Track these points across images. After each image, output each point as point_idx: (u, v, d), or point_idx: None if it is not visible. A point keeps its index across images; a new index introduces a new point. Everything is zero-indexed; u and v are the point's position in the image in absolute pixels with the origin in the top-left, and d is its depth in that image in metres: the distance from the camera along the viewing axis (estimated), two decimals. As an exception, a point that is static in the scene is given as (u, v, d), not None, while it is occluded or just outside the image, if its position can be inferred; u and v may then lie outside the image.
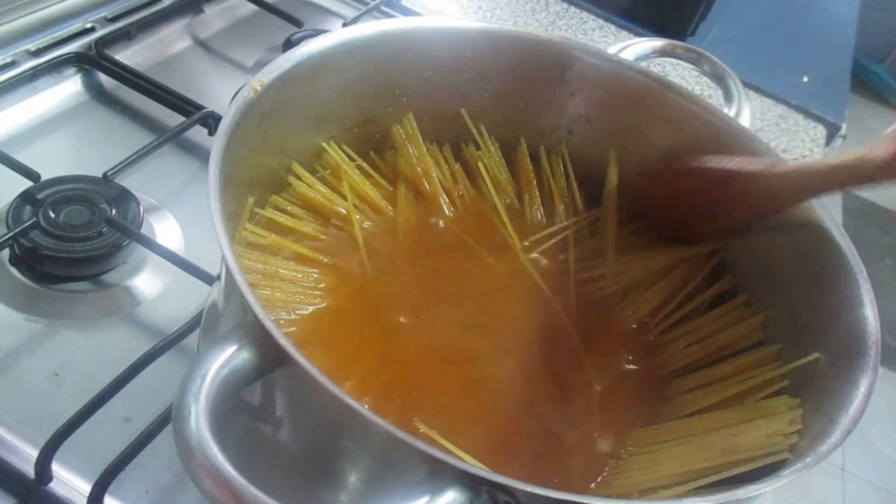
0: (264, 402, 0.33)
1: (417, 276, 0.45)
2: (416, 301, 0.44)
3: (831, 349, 0.38)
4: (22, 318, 0.47)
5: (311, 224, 0.45)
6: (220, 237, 0.31)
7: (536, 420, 0.40)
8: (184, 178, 0.59)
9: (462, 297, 0.45)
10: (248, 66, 0.71)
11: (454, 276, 0.46)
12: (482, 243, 0.48)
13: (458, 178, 0.50)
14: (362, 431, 0.29)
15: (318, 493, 0.32)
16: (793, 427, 0.36)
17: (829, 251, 0.40)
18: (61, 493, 0.40)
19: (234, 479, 0.25)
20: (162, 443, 0.41)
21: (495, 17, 0.90)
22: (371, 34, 0.45)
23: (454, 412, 0.39)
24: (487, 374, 0.42)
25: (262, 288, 0.40)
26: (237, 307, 0.33)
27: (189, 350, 0.46)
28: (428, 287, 0.45)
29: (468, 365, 0.42)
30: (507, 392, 0.41)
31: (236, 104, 0.36)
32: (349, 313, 0.42)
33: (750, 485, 0.29)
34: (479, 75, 0.49)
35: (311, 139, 0.46)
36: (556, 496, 0.27)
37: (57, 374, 0.45)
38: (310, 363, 0.28)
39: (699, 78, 0.58)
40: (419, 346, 0.42)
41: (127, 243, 0.50)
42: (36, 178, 0.52)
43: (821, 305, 0.40)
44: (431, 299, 0.44)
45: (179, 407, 0.27)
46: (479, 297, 0.45)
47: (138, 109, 0.63)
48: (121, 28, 0.68)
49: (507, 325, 0.45)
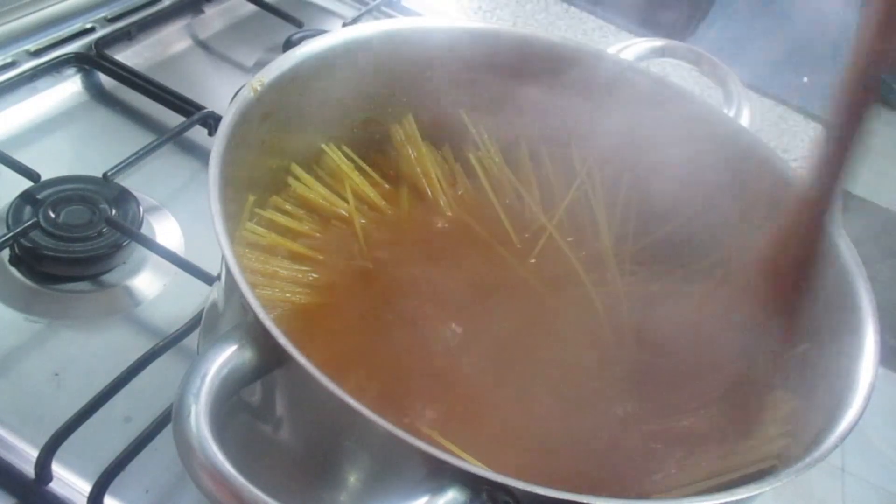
0: (264, 401, 0.33)
1: (417, 276, 0.45)
2: (417, 300, 0.44)
3: (831, 349, 0.38)
4: (22, 318, 0.47)
5: (310, 224, 0.45)
6: (220, 237, 0.31)
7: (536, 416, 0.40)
8: (184, 178, 0.59)
9: (462, 297, 0.45)
10: (248, 66, 0.71)
11: (454, 276, 0.46)
12: (482, 243, 0.48)
13: (457, 178, 0.50)
14: (362, 431, 0.29)
15: (318, 493, 0.32)
16: (783, 429, 0.36)
17: (830, 251, 0.40)
18: (61, 493, 0.40)
19: (233, 479, 0.25)
20: (162, 443, 0.41)
21: (495, 17, 0.90)
22: (371, 34, 0.45)
23: (455, 412, 0.39)
24: (488, 374, 0.42)
25: (262, 288, 0.40)
26: (237, 307, 0.33)
27: (189, 350, 0.46)
28: (428, 286, 0.45)
29: (469, 365, 0.42)
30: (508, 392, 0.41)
31: (236, 104, 0.36)
32: (349, 313, 0.42)
33: (750, 485, 0.29)
34: (479, 75, 0.49)
35: (311, 139, 0.46)
36: (556, 496, 0.27)
37: (57, 374, 0.45)
38: (310, 363, 0.28)
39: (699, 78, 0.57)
40: (419, 346, 0.42)
41: (127, 243, 0.50)
42: (36, 178, 0.52)
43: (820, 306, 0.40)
44: (432, 299, 0.44)
45: (179, 407, 0.27)
46: (480, 297, 0.45)
47: (138, 109, 0.63)
48: (121, 28, 0.68)
49: (507, 324, 0.45)
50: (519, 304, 0.46)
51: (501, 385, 0.41)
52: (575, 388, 0.42)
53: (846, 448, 0.44)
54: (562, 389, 0.42)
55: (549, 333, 0.45)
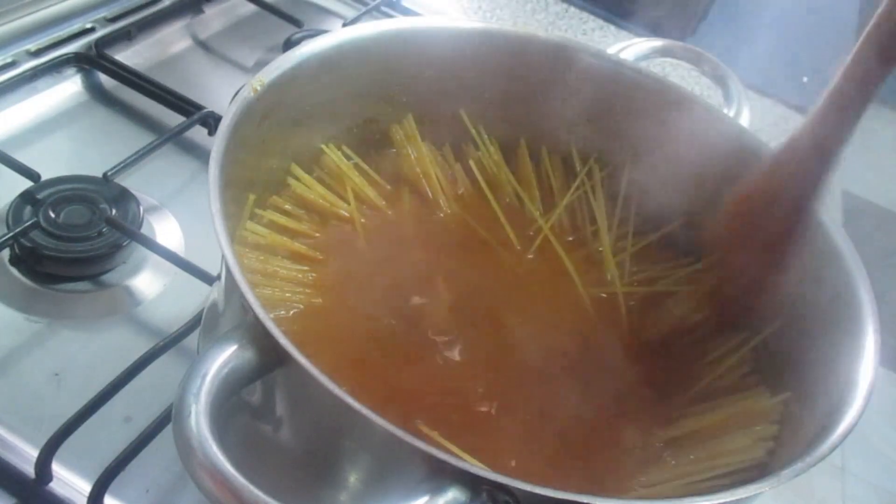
0: (264, 402, 0.33)
1: (418, 275, 0.45)
2: (416, 300, 0.44)
3: (831, 349, 0.38)
4: (22, 318, 0.47)
5: (310, 224, 0.45)
6: (221, 237, 0.31)
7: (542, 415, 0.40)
8: (184, 178, 0.59)
9: (462, 296, 0.45)
10: (248, 66, 0.71)
11: (454, 276, 0.46)
12: (481, 243, 0.48)
13: (458, 178, 0.50)
14: (362, 431, 0.29)
15: (318, 493, 0.32)
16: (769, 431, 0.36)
17: (829, 251, 0.40)
18: (61, 492, 0.40)
19: (233, 479, 0.25)
20: (162, 443, 0.41)
21: (495, 17, 0.90)
22: (371, 34, 0.45)
23: (455, 412, 0.39)
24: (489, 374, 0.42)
25: (262, 287, 0.40)
26: (237, 307, 0.33)
27: (189, 350, 0.46)
28: (428, 286, 0.45)
29: (471, 364, 0.42)
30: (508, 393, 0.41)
31: (236, 104, 0.36)
32: (349, 313, 0.42)
33: (750, 485, 0.29)
34: (479, 75, 0.49)
35: (311, 139, 0.46)
36: (556, 496, 0.27)
37: (57, 374, 0.45)
38: (310, 363, 0.28)
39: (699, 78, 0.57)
40: (420, 345, 0.42)
41: (127, 243, 0.50)
42: (36, 178, 0.52)
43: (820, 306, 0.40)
44: (431, 298, 0.44)
45: (179, 407, 0.27)
46: (479, 296, 0.45)
47: (138, 109, 0.63)
48: (121, 28, 0.68)
49: (509, 324, 0.45)
50: (519, 304, 0.46)
51: (502, 385, 0.41)
52: (573, 387, 0.42)
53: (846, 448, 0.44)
54: (561, 389, 0.42)
55: (550, 333, 0.45)
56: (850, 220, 0.38)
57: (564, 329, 0.45)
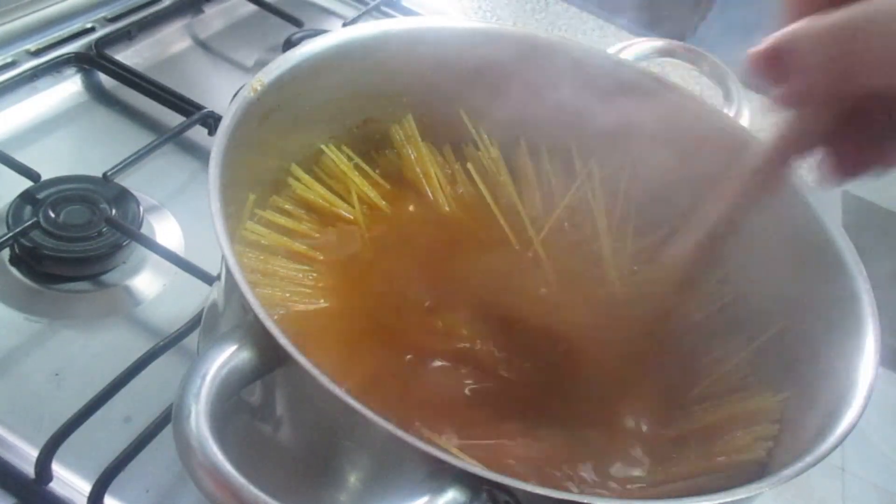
0: (264, 402, 0.33)
1: (417, 275, 0.45)
2: (416, 300, 0.44)
3: (831, 349, 0.38)
4: (22, 318, 0.47)
5: (310, 224, 0.45)
6: (221, 237, 0.31)
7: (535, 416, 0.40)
8: (184, 178, 0.59)
9: (462, 296, 0.45)
10: (248, 66, 0.71)
11: (454, 275, 0.46)
12: (482, 243, 0.48)
13: (458, 178, 0.50)
14: (362, 431, 0.29)
15: (318, 493, 0.32)
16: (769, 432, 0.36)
17: (829, 251, 0.40)
18: (61, 492, 0.40)
19: (233, 479, 0.25)
20: (162, 443, 0.41)
21: (495, 17, 0.90)
22: (371, 34, 0.45)
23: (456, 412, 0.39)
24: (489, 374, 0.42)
25: (262, 287, 0.40)
26: (237, 307, 0.33)
27: (189, 350, 0.46)
28: (428, 286, 0.45)
29: (471, 365, 0.42)
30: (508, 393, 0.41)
31: (236, 104, 0.36)
32: (349, 312, 0.42)
33: (750, 485, 0.29)
34: (479, 75, 0.49)
35: (311, 139, 0.46)
36: (557, 496, 0.27)
37: (57, 374, 0.45)
38: (310, 363, 0.28)
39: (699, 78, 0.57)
40: (420, 345, 0.42)
41: (127, 243, 0.50)
42: (36, 178, 0.52)
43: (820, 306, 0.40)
44: (432, 298, 0.44)
45: (179, 407, 0.27)
46: (479, 296, 0.45)
47: (138, 109, 0.63)
48: (121, 28, 0.68)
49: (509, 324, 0.45)
50: (519, 304, 0.46)
51: (502, 385, 0.41)
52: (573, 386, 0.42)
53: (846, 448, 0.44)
54: (561, 388, 0.42)
55: (550, 333, 0.45)
56: (850, 220, 0.38)
57: (564, 329, 0.45)
